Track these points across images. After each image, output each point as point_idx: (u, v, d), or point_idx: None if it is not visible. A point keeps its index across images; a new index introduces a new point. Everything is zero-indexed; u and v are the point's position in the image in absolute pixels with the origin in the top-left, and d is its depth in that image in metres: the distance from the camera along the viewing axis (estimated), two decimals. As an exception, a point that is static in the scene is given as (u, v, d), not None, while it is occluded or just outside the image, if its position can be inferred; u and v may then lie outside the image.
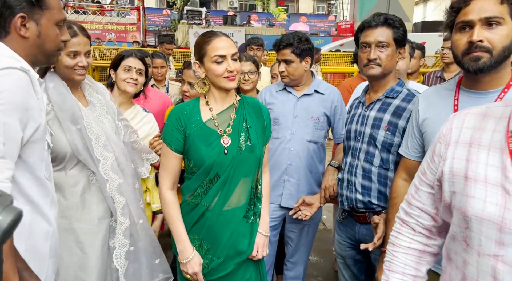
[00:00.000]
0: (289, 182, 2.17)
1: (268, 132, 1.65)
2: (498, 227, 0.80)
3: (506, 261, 0.79)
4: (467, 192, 0.86)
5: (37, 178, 1.16)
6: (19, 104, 1.05)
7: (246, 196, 1.57)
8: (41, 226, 1.19)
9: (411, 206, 1.06)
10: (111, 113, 1.74)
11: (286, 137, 2.15)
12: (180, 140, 1.51)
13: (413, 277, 1.04)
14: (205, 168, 1.49)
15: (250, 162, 1.54)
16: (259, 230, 1.63)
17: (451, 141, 0.94)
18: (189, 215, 1.55)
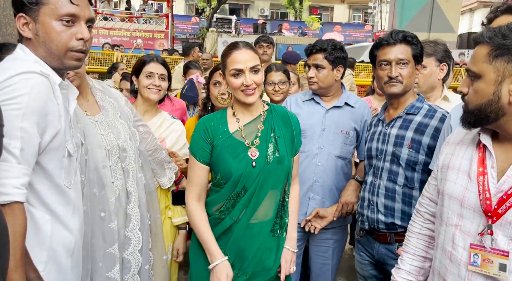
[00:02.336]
0: (314, 200, 2.13)
1: (298, 143, 1.66)
2: (460, 203, 1.13)
3: (462, 230, 1.12)
4: (446, 177, 1.20)
5: (56, 186, 1.18)
6: (37, 109, 1.08)
7: (273, 209, 1.58)
8: (63, 237, 1.21)
9: (424, 196, 1.36)
10: (126, 119, 1.74)
11: (313, 151, 2.12)
12: (207, 151, 1.56)
13: (423, 258, 1.33)
14: (232, 180, 1.52)
15: (278, 174, 1.56)
16: (285, 246, 1.63)
17: (449, 141, 1.27)
18: (215, 229, 1.57)
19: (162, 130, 2.10)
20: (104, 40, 12.08)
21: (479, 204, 1.09)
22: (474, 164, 1.13)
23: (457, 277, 1.11)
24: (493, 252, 1.05)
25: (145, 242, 1.80)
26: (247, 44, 1.56)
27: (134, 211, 1.73)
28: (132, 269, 1.74)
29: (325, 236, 2.18)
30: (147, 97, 2.05)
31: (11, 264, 0.95)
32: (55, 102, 1.16)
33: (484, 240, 1.06)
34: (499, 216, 1.04)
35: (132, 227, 1.73)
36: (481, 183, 1.09)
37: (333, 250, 2.21)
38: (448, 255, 1.15)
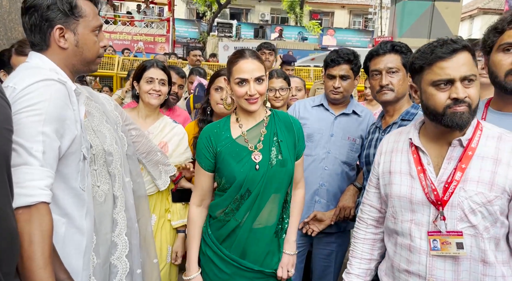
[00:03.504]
0: (319, 204, 2.19)
1: (300, 147, 1.70)
2: (409, 200, 1.29)
3: (416, 222, 1.28)
4: (390, 181, 1.36)
5: (72, 189, 1.23)
6: (56, 115, 1.13)
7: (276, 213, 1.63)
8: (76, 240, 1.25)
9: (364, 204, 1.53)
10: (112, 123, 1.77)
11: (320, 156, 2.18)
12: (210, 160, 1.61)
13: (368, 260, 1.50)
14: (236, 184, 1.56)
15: (281, 177, 1.60)
16: (284, 251, 1.68)
17: (382, 152, 1.45)
18: (220, 231, 1.62)
19: (164, 134, 2.14)
20: (105, 44, 12.07)
21: (425, 198, 1.25)
22: (413, 165, 1.31)
23: (418, 264, 1.25)
24: (449, 234, 1.20)
25: (135, 246, 1.83)
26: (253, 53, 1.59)
27: (120, 216, 1.76)
28: (119, 274, 1.76)
29: (329, 240, 2.24)
30: (147, 102, 2.10)
31: (40, 262, 0.98)
32: (72, 108, 1.21)
33: (439, 226, 1.22)
34: (445, 203, 1.21)
35: (118, 232, 1.76)
36: (423, 179, 1.27)
37: (336, 253, 2.26)
38: (408, 247, 1.28)
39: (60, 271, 1.08)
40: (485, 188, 1.18)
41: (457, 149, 1.25)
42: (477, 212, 1.18)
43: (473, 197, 1.19)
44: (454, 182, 1.21)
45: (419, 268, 1.25)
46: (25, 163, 1.07)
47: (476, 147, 1.23)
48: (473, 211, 1.18)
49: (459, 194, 1.20)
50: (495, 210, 1.18)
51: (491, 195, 1.17)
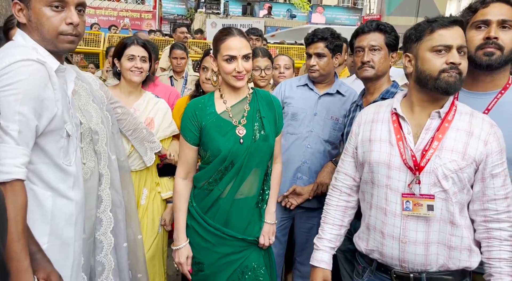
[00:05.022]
0: (301, 180, 2.25)
1: (280, 124, 1.78)
2: (387, 166, 1.38)
3: (391, 188, 1.37)
4: (370, 149, 1.44)
5: (56, 165, 1.26)
6: (34, 94, 1.14)
7: (257, 185, 1.71)
8: (64, 209, 1.28)
9: (339, 173, 1.61)
10: (98, 103, 1.79)
11: (303, 134, 2.23)
12: (195, 133, 1.66)
13: (339, 226, 1.59)
14: (221, 157, 1.62)
15: (263, 152, 1.67)
16: (265, 220, 1.77)
17: (361, 122, 1.53)
18: (204, 201, 1.69)
19: (148, 110, 2.18)
20: (90, 19, 11.80)
21: (403, 164, 1.35)
22: (392, 134, 1.40)
23: (393, 226, 1.35)
24: (422, 197, 1.31)
25: (121, 221, 1.88)
26: (240, 32, 1.64)
27: (105, 193, 1.80)
28: (104, 249, 1.82)
29: (310, 215, 2.32)
30: (129, 79, 2.11)
31: (14, 236, 1.02)
32: (51, 88, 1.22)
33: (414, 189, 1.32)
34: (422, 169, 1.31)
35: (103, 208, 1.81)
36: (401, 146, 1.37)
37: (317, 227, 2.27)
38: (383, 211, 1.38)
39: (32, 243, 1.11)
40: (458, 156, 1.30)
41: (435, 121, 1.35)
42: (449, 178, 1.29)
43: (447, 164, 1.30)
44: (431, 150, 1.31)
45: (394, 230, 1.35)
46: (1, 141, 1.09)
47: (452, 120, 1.34)
48: (446, 177, 1.29)
49: (434, 161, 1.31)
50: (464, 177, 1.30)
51: (463, 163, 1.29)
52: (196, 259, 1.71)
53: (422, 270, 1.33)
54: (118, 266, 1.89)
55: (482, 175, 1.31)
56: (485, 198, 1.31)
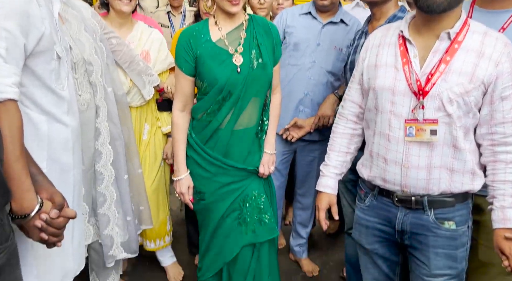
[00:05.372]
0: (303, 113, 2.21)
1: (278, 52, 1.71)
2: (391, 92, 1.33)
3: (395, 114, 1.33)
4: (375, 75, 1.39)
5: (48, 88, 1.20)
6: (18, 10, 1.07)
7: (256, 115, 1.68)
8: (60, 134, 1.25)
9: (346, 101, 1.57)
10: (91, 32, 1.71)
11: (306, 65, 2.15)
12: (190, 63, 1.60)
13: (345, 153, 1.58)
14: (218, 86, 1.58)
15: (261, 80, 1.63)
16: (265, 150, 1.76)
17: (368, 47, 1.47)
18: (203, 132, 1.67)
19: (143, 42, 2.09)
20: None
21: (408, 89, 1.31)
22: (398, 58, 1.34)
23: (396, 152, 1.34)
24: (425, 122, 1.28)
25: (121, 154, 1.89)
26: None
27: (103, 125, 1.78)
28: (105, 181, 1.83)
29: (312, 148, 2.31)
30: (119, 9, 2.00)
31: (12, 156, 0.99)
32: (37, 3, 1.14)
33: (417, 114, 1.29)
34: (426, 93, 1.27)
35: (102, 141, 1.80)
36: (407, 71, 1.31)
37: (318, 160, 2.33)
38: (387, 137, 1.36)
39: (31, 165, 1.09)
40: (466, 79, 1.24)
41: (444, 42, 1.28)
42: (454, 102, 1.25)
43: (453, 87, 1.25)
44: (437, 73, 1.26)
45: (396, 156, 1.33)
46: None
47: (462, 41, 1.26)
48: (451, 101, 1.25)
49: (440, 85, 1.26)
50: (470, 100, 1.25)
51: (470, 86, 1.24)
52: (197, 188, 1.73)
53: (423, 194, 1.33)
54: (120, 198, 1.92)
55: (491, 98, 1.26)
56: (493, 122, 1.27)
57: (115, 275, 2.06)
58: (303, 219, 2.51)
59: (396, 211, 1.38)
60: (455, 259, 1.32)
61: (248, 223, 1.71)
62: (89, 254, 1.98)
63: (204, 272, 1.82)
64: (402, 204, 1.36)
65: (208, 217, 1.75)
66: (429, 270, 1.34)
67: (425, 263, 1.35)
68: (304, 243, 2.54)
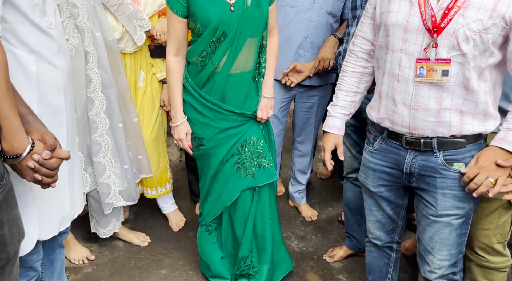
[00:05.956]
0: (303, 57, 2.13)
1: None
2: (404, 28, 1.25)
3: (407, 52, 1.25)
4: (388, 9, 1.29)
5: (34, 25, 1.13)
6: None
7: (253, 58, 1.63)
8: (51, 76, 1.20)
9: (357, 36, 1.48)
10: None
11: (305, 6, 2.05)
12: (182, 4, 1.53)
13: (354, 93, 1.51)
14: (211, 27, 1.51)
15: (256, 20, 1.56)
16: (263, 94, 1.71)
17: None
18: (199, 76, 1.62)
19: None
20: None
21: (422, 25, 1.21)
22: None
23: (405, 93, 1.28)
24: (437, 62, 1.21)
25: (114, 102, 1.83)
26: None
27: (93, 72, 1.72)
28: (99, 130, 1.80)
29: (311, 93, 2.26)
30: None
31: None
32: None
33: (429, 54, 1.21)
34: (441, 30, 1.19)
35: (93, 89, 1.74)
36: (423, 5, 1.21)
37: (317, 105, 2.31)
38: (396, 77, 1.29)
39: (21, 105, 1.04)
40: (485, 15, 1.15)
41: None
42: (470, 40, 1.16)
43: (470, 24, 1.16)
44: (455, 8, 1.17)
45: (405, 97, 1.27)
46: None
47: None
48: (467, 39, 1.17)
49: (457, 21, 1.17)
50: (488, 38, 1.16)
51: (489, 22, 1.15)
52: (196, 134, 1.70)
53: (433, 136, 1.28)
54: (116, 146, 1.89)
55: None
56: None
57: (115, 222, 2.09)
58: (302, 166, 2.51)
59: (405, 154, 1.34)
60: (462, 200, 1.29)
61: (247, 168, 1.71)
62: (89, 202, 2.00)
63: (205, 217, 1.84)
64: (411, 146, 1.32)
65: (208, 162, 1.74)
66: (436, 211, 1.32)
67: (432, 204, 1.33)
68: (303, 189, 2.56)
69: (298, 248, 2.27)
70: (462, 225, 1.33)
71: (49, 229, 1.25)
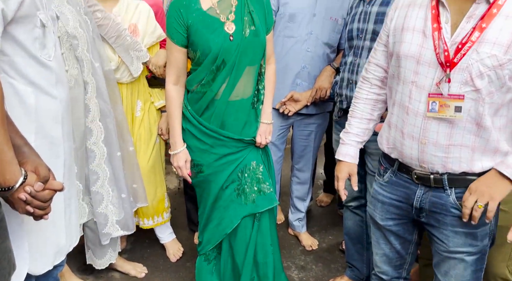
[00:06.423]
0: (301, 86, 2.16)
1: (270, 20, 1.67)
2: (416, 60, 1.21)
3: (418, 85, 1.22)
4: (401, 39, 1.26)
5: (33, 57, 1.15)
6: None
7: (252, 85, 1.65)
8: (49, 107, 1.20)
9: (370, 64, 1.45)
10: (74, 5, 1.64)
11: (302, 37, 2.09)
12: (182, 33, 1.56)
13: (368, 120, 1.47)
14: (211, 55, 1.54)
15: (255, 48, 1.59)
16: (262, 120, 1.72)
17: (398, 5, 1.32)
18: (198, 103, 1.64)
19: (130, 15, 1.99)
20: None
21: (435, 59, 1.17)
22: (429, 22, 1.20)
23: (413, 126, 1.24)
24: (450, 97, 1.16)
25: (112, 131, 1.84)
26: None
27: (92, 102, 1.73)
28: (97, 159, 1.79)
29: (308, 121, 2.28)
30: None
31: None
32: None
33: (442, 88, 1.17)
34: (454, 65, 1.14)
35: (92, 118, 1.75)
36: (436, 38, 1.17)
37: (315, 133, 2.33)
38: (405, 110, 1.26)
39: (17, 137, 1.04)
40: (500, 50, 1.10)
41: (481, 6, 1.13)
42: (485, 76, 1.12)
43: (484, 60, 1.11)
44: (469, 43, 1.12)
45: (414, 130, 1.24)
46: None
47: (503, 4, 1.10)
48: (481, 75, 1.12)
49: (470, 56, 1.12)
50: (504, 74, 1.12)
51: (505, 58, 1.10)
52: (195, 161, 1.70)
53: (443, 172, 1.23)
54: (114, 175, 1.88)
55: None
56: None
57: (112, 252, 2.05)
58: (301, 193, 2.49)
59: (415, 189, 1.30)
60: (475, 237, 1.24)
61: (247, 194, 1.70)
62: (85, 233, 1.96)
63: (204, 245, 1.81)
64: (421, 181, 1.28)
65: (208, 189, 1.73)
66: (447, 247, 1.27)
67: (443, 241, 1.28)
68: (302, 217, 2.53)
69: (298, 278, 2.22)
70: (477, 261, 1.27)
71: (44, 262, 1.22)
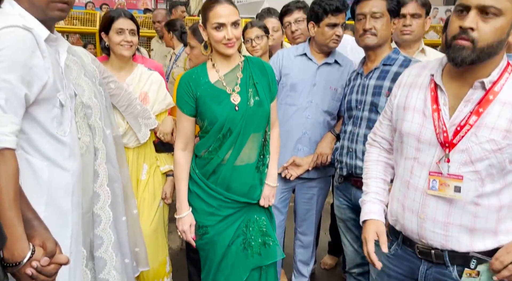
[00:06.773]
0: (302, 152, 2.22)
1: (274, 89, 1.78)
2: (417, 139, 1.25)
3: (419, 162, 1.25)
4: (403, 117, 1.31)
5: (50, 134, 1.22)
6: (20, 62, 1.10)
7: (257, 151, 1.73)
8: (61, 180, 1.25)
9: (376, 135, 1.50)
10: (90, 77, 1.76)
11: (303, 105, 2.19)
12: (191, 104, 1.68)
13: (383, 180, 1.45)
14: (218, 124, 1.64)
15: (259, 117, 1.69)
16: (266, 182, 1.78)
17: (401, 84, 1.37)
18: (205, 168, 1.72)
19: (142, 84, 2.12)
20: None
21: (435, 138, 1.21)
22: (428, 103, 1.24)
23: (413, 201, 1.26)
24: (450, 177, 1.18)
25: (119, 196, 1.88)
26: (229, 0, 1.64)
27: (101, 167, 1.79)
28: (102, 224, 1.81)
29: (310, 185, 2.32)
30: (120, 54, 2.05)
31: (5, 204, 1.00)
32: (40, 56, 1.17)
33: (442, 168, 1.19)
34: (453, 146, 1.17)
35: (100, 183, 1.79)
36: (436, 119, 1.21)
37: (317, 197, 2.36)
38: (406, 184, 1.28)
39: (28, 211, 1.08)
40: (499, 135, 1.11)
41: (478, 91, 1.15)
42: (485, 159, 1.13)
43: (483, 144, 1.12)
44: (467, 126, 1.15)
45: (413, 204, 1.25)
46: None
47: (499, 91, 1.13)
48: (481, 158, 1.13)
49: (469, 139, 1.14)
50: (504, 158, 1.12)
51: (504, 142, 1.11)
52: (200, 223, 1.74)
53: (443, 249, 1.22)
54: (118, 240, 1.89)
55: None
56: None
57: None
58: (305, 257, 2.45)
59: (419, 263, 1.29)
60: None
61: (253, 247, 1.73)
62: (86, 299, 1.93)
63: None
64: (423, 256, 1.27)
65: (213, 250, 1.75)
66: None
67: None
68: (306, 281, 2.47)
69: None
70: None
71: None
